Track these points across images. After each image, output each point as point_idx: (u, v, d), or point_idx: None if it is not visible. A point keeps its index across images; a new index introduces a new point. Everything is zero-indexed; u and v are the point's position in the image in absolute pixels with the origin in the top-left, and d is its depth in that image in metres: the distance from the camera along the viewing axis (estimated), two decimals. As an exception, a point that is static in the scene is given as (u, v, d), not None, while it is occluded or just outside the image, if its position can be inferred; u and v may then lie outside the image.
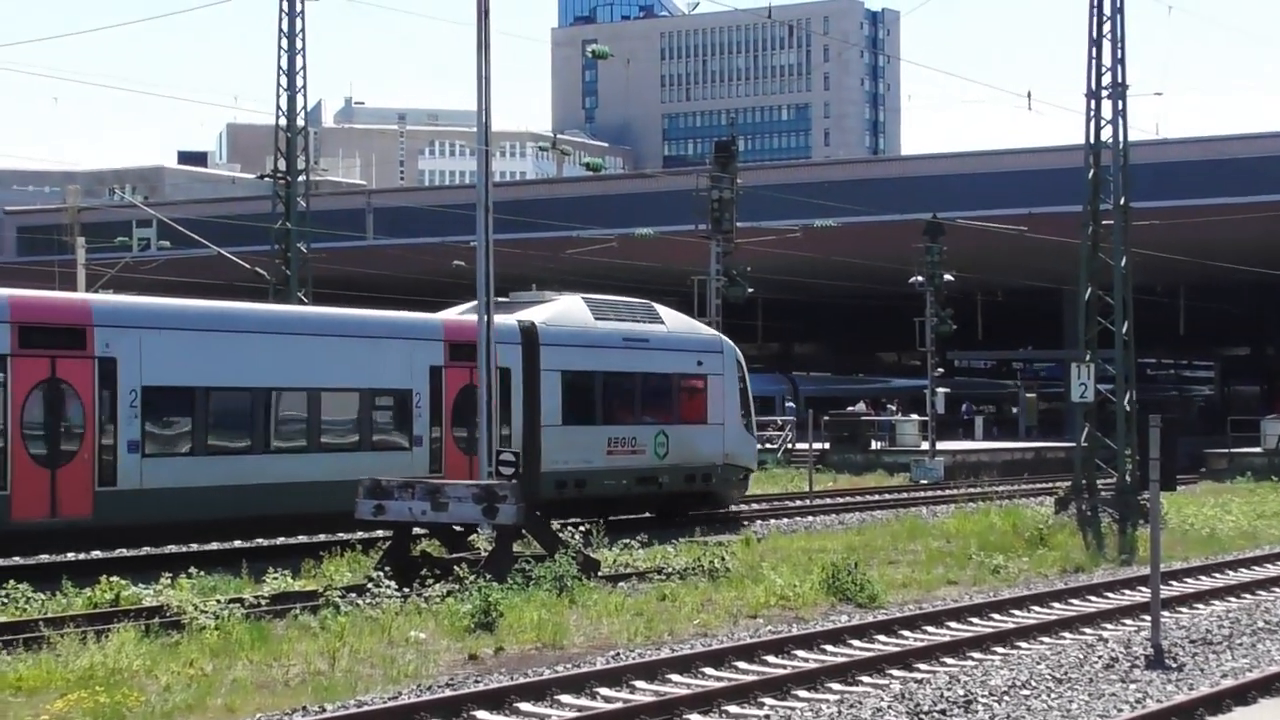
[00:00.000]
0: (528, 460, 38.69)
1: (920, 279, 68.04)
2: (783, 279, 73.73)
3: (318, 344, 35.12)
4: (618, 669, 19.63)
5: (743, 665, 20.64)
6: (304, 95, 53.56)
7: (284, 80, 53.12)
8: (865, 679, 19.88)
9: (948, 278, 68.00)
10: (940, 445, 69.34)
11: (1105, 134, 42.45)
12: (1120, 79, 42.15)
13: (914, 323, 70.83)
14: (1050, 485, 54.41)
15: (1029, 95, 48.47)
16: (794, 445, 72.08)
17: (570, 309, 41.99)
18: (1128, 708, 17.90)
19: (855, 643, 22.61)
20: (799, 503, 51.02)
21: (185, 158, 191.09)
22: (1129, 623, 24.98)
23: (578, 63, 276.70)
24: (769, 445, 68.16)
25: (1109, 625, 24.82)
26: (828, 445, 70.42)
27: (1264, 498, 51.85)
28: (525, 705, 17.96)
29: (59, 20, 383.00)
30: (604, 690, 18.84)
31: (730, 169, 60.16)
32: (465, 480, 33.91)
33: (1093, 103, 42.37)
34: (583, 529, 31.18)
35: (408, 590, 25.34)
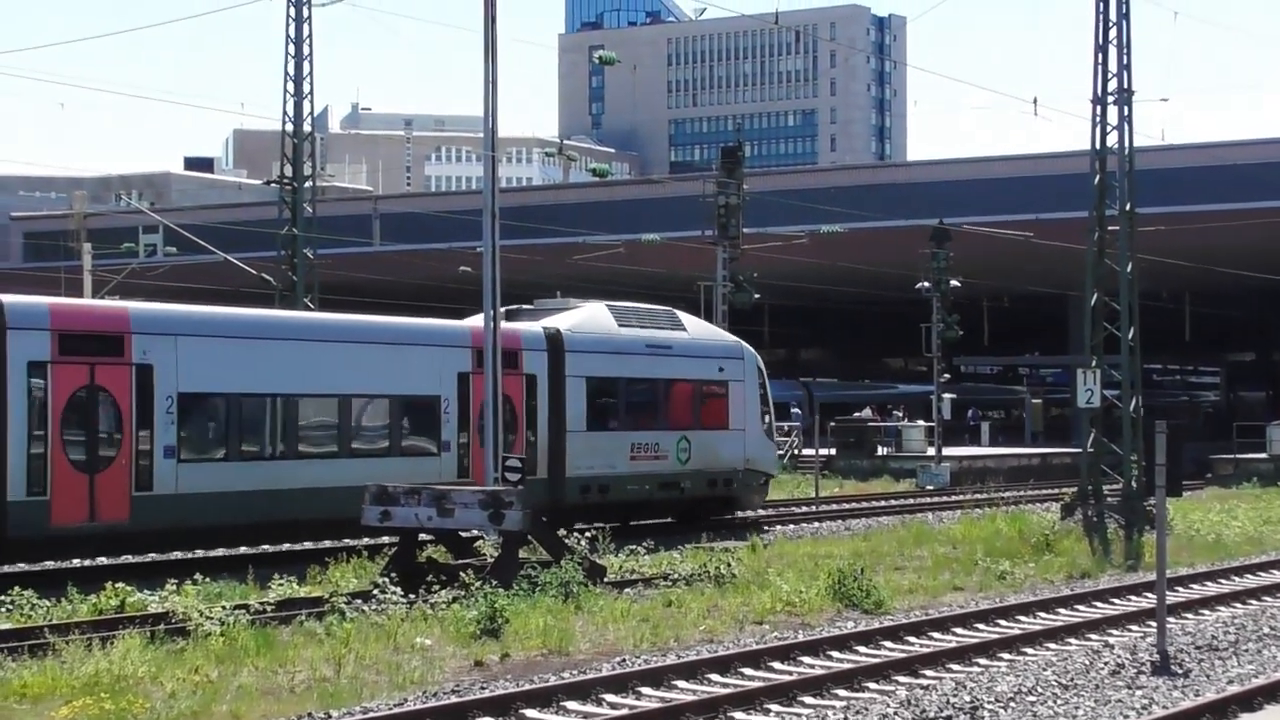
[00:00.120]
0: (553, 465, 39.34)
1: (926, 284, 68.00)
2: (789, 285, 73.72)
3: (349, 351, 35.40)
4: (623, 675, 19.63)
5: (749, 671, 20.64)
6: (310, 101, 53.70)
7: (291, 86, 53.20)
8: (871, 685, 19.88)
9: (954, 283, 67.98)
10: (946, 451, 69.28)
11: (1111, 140, 42.46)
12: (1126, 85, 42.15)
13: (920, 328, 70.76)
14: (1056, 491, 54.28)
15: (1035, 101, 48.59)
16: (800, 451, 72.06)
17: (594, 316, 42.29)
18: (1134, 714, 17.90)
19: (861, 649, 22.60)
20: (805, 508, 50.97)
21: (192, 164, 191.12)
22: (1135, 629, 24.98)
23: (584, 68, 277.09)
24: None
25: (1115, 631, 24.81)
26: (834, 451, 70.38)
27: (1270, 503, 51.79)
28: (531, 712, 17.97)
29: (66, 26, 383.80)
30: (610, 697, 18.84)
31: (737, 175, 60.20)
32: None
33: (1098, 108, 42.39)
34: (589, 535, 31.22)
35: (414, 596, 25.33)
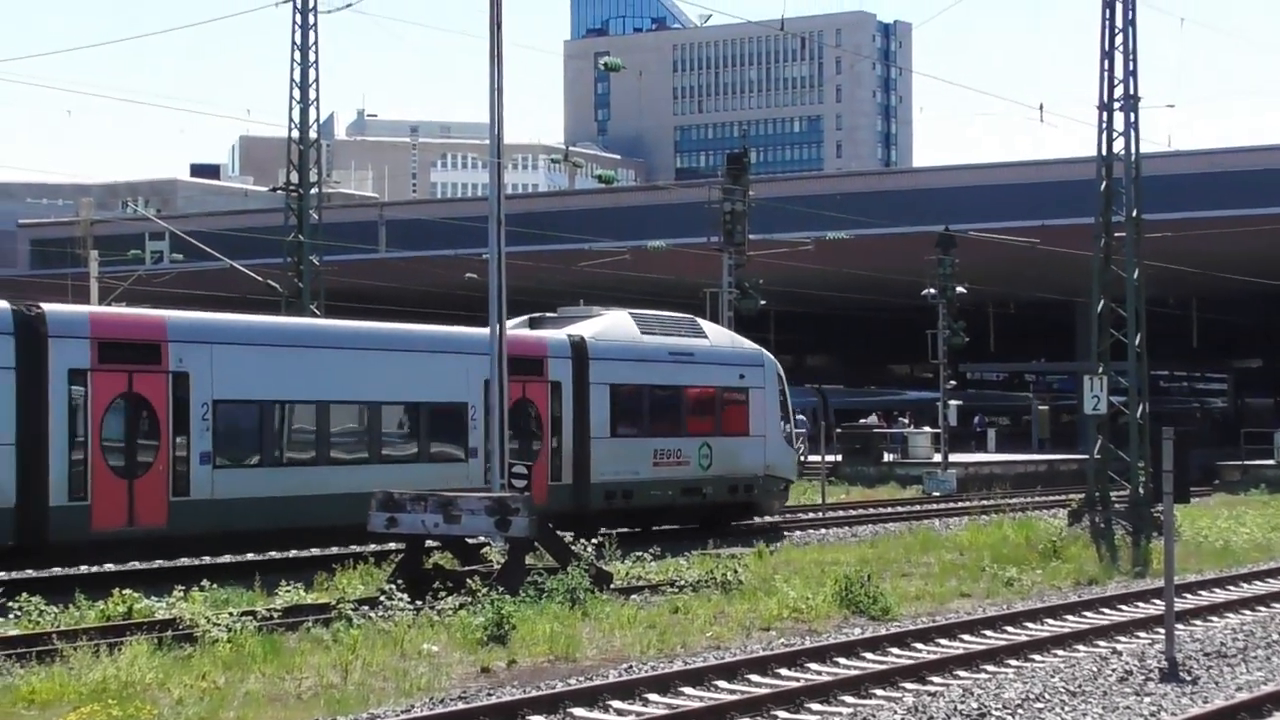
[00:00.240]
0: (578, 471, 39.88)
1: (932, 291, 68.07)
2: (795, 291, 73.68)
3: (378, 358, 35.75)
4: (630, 681, 19.61)
5: (755, 678, 20.62)
6: (316, 108, 53.68)
7: (296, 93, 53.19)
8: (878, 692, 19.85)
9: (960, 290, 68.04)
10: (953, 457, 69.32)
11: (1117, 146, 42.42)
12: (1132, 91, 42.11)
13: (926, 335, 70.82)
14: (1063, 498, 54.30)
15: (1041, 108, 48.88)
16: (806, 457, 72.05)
17: (618, 324, 42.74)
18: (1142, 721, 17.89)
19: (868, 655, 22.58)
20: (812, 515, 50.98)
21: (198, 170, 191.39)
22: (1143, 635, 24.93)
23: (590, 75, 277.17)
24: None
25: (1123, 638, 24.76)
26: (840, 457, 70.37)
27: (1278, 510, 51.74)
28: (537, 718, 17.94)
29: (72, 34, 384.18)
30: (616, 703, 18.82)
31: (742, 181, 60.16)
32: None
33: (1105, 115, 42.34)
34: (595, 541, 31.22)
35: (420, 603, 25.33)
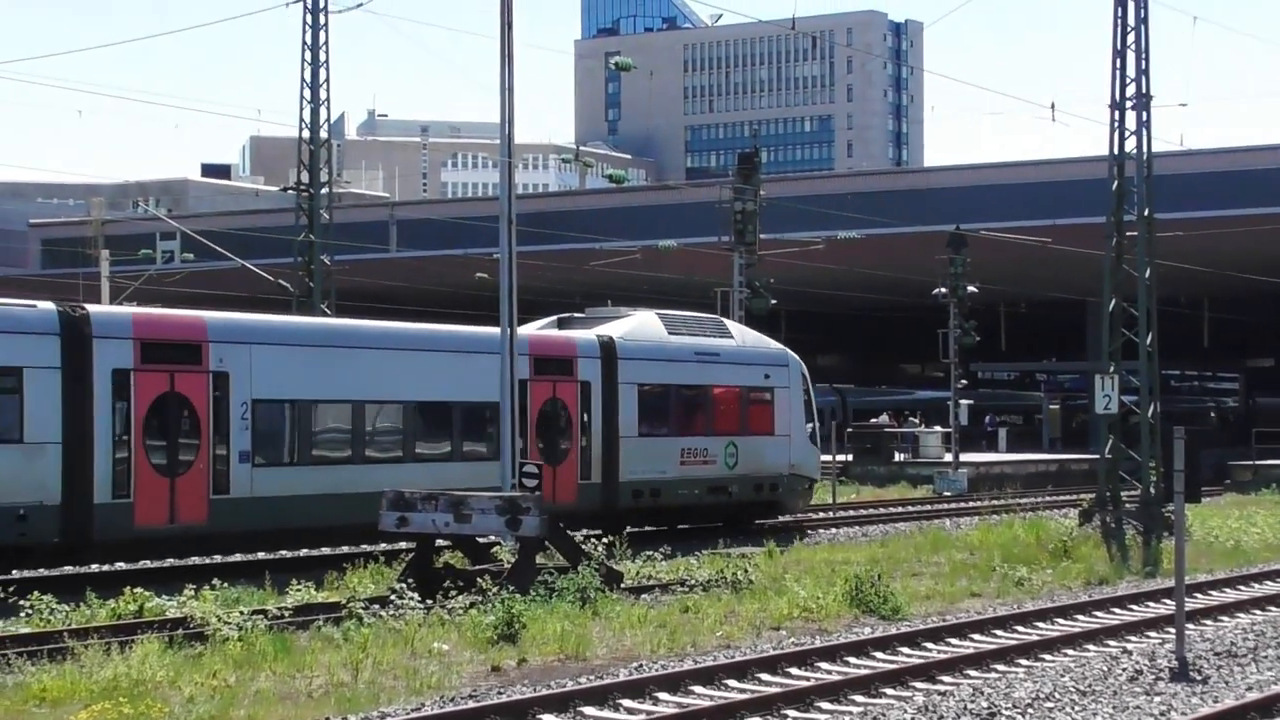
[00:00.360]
0: (606, 470, 40.35)
1: (943, 290, 68.02)
2: (806, 291, 73.63)
3: (412, 358, 36.10)
4: (640, 680, 19.61)
5: (765, 677, 20.62)
6: (327, 108, 53.72)
7: (307, 93, 53.23)
8: (888, 691, 19.85)
9: (971, 289, 67.99)
10: (964, 457, 69.27)
11: (1129, 145, 42.36)
12: (1144, 90, 42.06)
13: (937, 334, 70.75)
14: (1074, 497, 54.27)
15: (1053, 106, 48.43)
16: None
17: (645, 324, 43.15)
18: (1152, 720, 17.88)
19: (878, 655, 22.58)
20: (822, 514, 50.97)
21: (209, 170, 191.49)
22: (1153, 635, 24.91)
23: (600, 74, 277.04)
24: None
25: (1133, 637, 24.75)
26: (851, 457, 70.33)
27: (1289, 510, 51.69)
28: (548, 717, 17.95)
29: (83, 34, 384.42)
30: (627, 702, 18.83)
31: (753, 181, 60.15)
32: (549, 489, 36.77)
33: (1116, 114, 42.30)
34: (606, 540, 31.24)
35: (431, 602, 25.35)
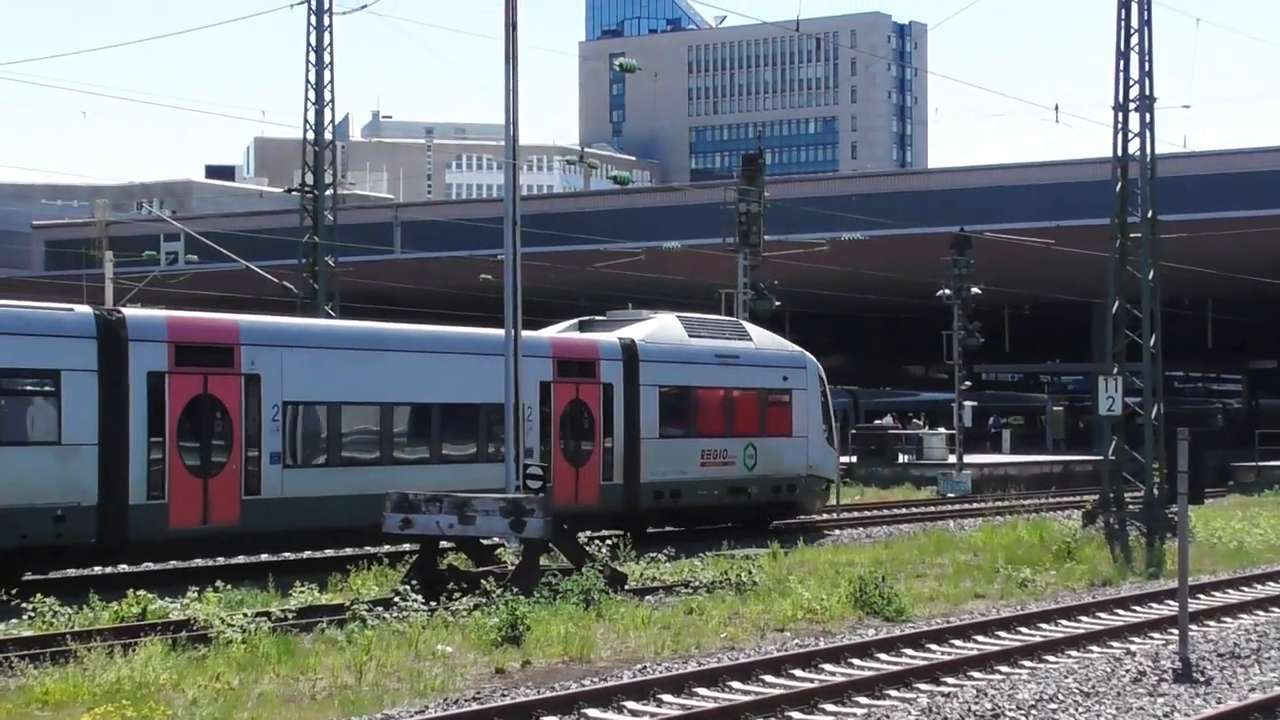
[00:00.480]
0: (628, 471, 40.79)
1: (948, 292, 68.01)
2: (810, 292, 73.63)
3: (439, 361, 36.52)
4: (644, 682, 19.62)
5: (769, 679, 20.62)
6: (331, 109, 53.78)
7: (311, 94, 53.29)
8: (892, 693, 19.85)
9: (975, 291, 67.98)
10: (968, 458, 69.26)
11: (1133, 147, 42.37)
12: (1147, 92, 42.06)
13: (942, 336, 70.74)
14: (1078, 498, 54.25)
15: (1056, 108, 48.73)
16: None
17: (666, 327, 43.55)
18: (1155, 722, 17.89)
19: (882, 656, 22.58)
20: (826, 516, 50.94)
21: (213, 172, 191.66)
22: (1156, 636, 24.92)
23: (605, 76, 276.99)
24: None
25: (1136, 639, 24.75)
26: (854, 458, 70.32)
27: (1293, 511, 51.63)
28: (552, 719, 17.96)
29: (87, 35, 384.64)
30: (631, 704, 18.83)
31: (757, 182, 60.13)
32: (572, 490, 38.06)
33: (1120, 115, 42.29)
34: (610, 542, 31.26)
35: (435, 604, 25.36)
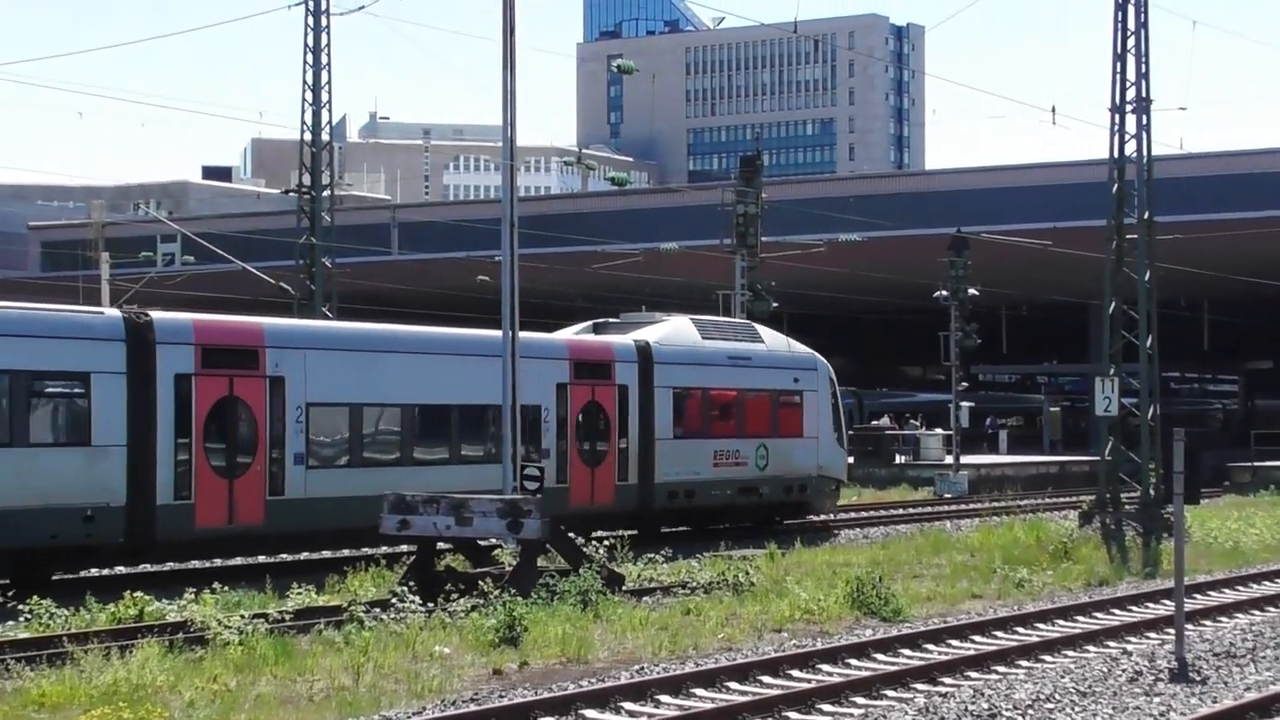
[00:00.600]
0: (643, 472, 41.17)
1: (945, 293, 68.01)
2: (807, 294, 73.61)
3: (458, 363, 36.84)
4: (642, 683, 19.63)
5: (767, 679, 20.64)
6: (329, 110, 53.81)
7: (309, 95, 53.31)
8: (889, 693, 19.87)
9: (972, 292, 67.99)
10: (965, 459, 69.26)
11: (1129, 148, 42.44)
12: (1144, 94, 42.12)
13: (939, 337, 70.74)
14: (1074, 499, 54.29)
15: (1053, 110, 48.76)
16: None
17: (680, 329, 43.94)
18: (1152, 722, 17.91)
19: (879, 656, 22.60)
20: (823, 517, 50.94)
21: (210, 173, 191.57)
22: (1153, 636, 24.95)
23: (603, 78, 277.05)
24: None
25: (1133, 638, 24.78)
26: (851, 459, 70.27)
27: (1289, 511, 51.63)
28: (549, 720, 18.01)
29: (83, 36, 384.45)
30: (628, 704, 18.84)
31: (755, 184, 60.13)
32: (588, 490, 38.65)
33: (1117, 117, 42.36)
34: (607, 543, 31.28)
35: (432, 605, 25.36)
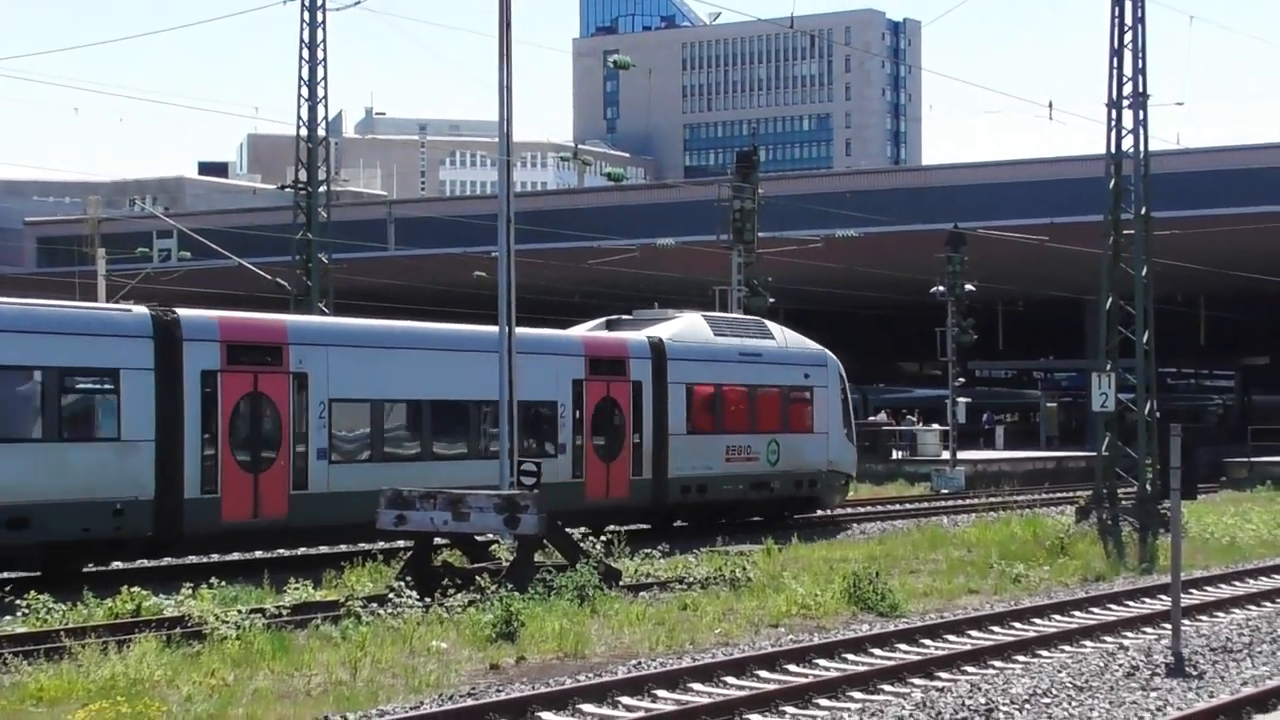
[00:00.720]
0: (657, 467, 41.52)
1: (941, 289, 67.95)
2: (804, 289, 73.65)
3: (477, 360, 36.72)
4: (639, 678, 19.64)
5: (764, 674, 20.65)
6: (325, 106, 53.71)
7: (305, 91, 53.22)
8: (887, 687, 19.89)
9: (969, 287, 67.95)
10: (961, 455, 69.24)
11: (1126, 144, 42.40)
12: (1141, 89, 42.08)
13: (935, 332, 70.71)
14: (1071, 494, 54.25)
15: (1050, 105, 48.46)
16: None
17: (692, 326, 44.36)
18: (1149, 715, 17.89)
19: (876, 651, 22.61)
20: (820, 512, 50.95)
21: (206, 168, 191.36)
22: (1150, 631, 24.98)
23: (599, 73, 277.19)
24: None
25: (1130, 633, 24.81)
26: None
27: (1285, 507, 51.62)
28: (547, 714, 17.98)
29: (79, 31, 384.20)
30: (626, 699, 18.86)
31: (752, 179, 60.14)
32: (603, 484, 39.05)
33: (1114, 112, 42.33)
34: (604, 538, 31.29)
35: (429, 600, 25.37)
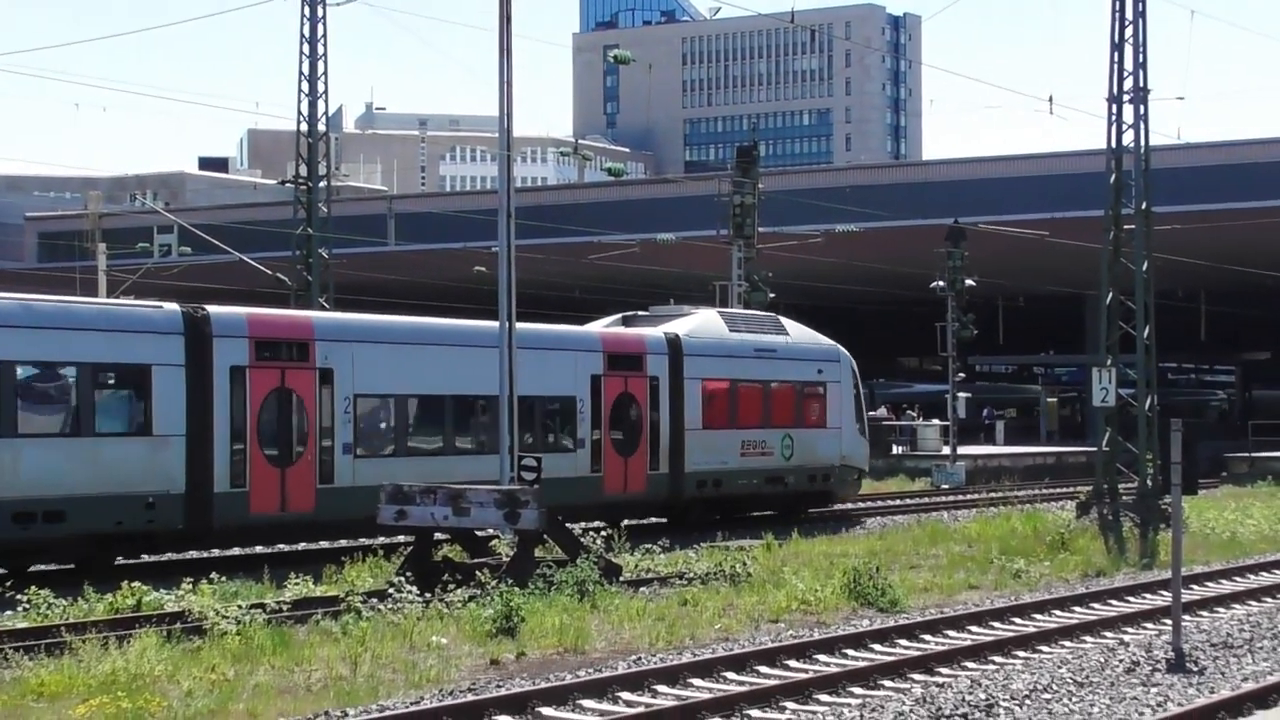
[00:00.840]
0: (673, 461, 41.91)
1: (942, 284, 67.96)
2: (804, 284, 73.64)
3: (497, 355, 36.29)
4: (639, 673, 19.63)
5: (764, 669, 20.64)
6: (325, 101, 53.71)
7: (305, 86, 53.22)
8: (887, 683, 19.88)
9: (969, 282, 67.96)
10: (961, 450, 69.25)
11: (1127, 138, 42.38)
12: (1142, 83, 42.06)
13: (935, 327, 70.69)
14: (1071, 490, 54.27)
15: (1050, 100, 48.42)
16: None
17: (708, 322, 44.77)
18: (1149, 711, 17.88)
19: (877, 647, 22.61)
20: (820, 508, 50.95)
21: (206, 163, 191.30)
22: (1150, 626, 24.97)
23: (599, 68, 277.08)
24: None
25: (1130, 629, 24.80)
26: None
27: (1286, 502, 51.60)
28: (547, 710, 17.97)
29: (79, 27, 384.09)
30: (626, 694, 18.85)
31: (752, 174, 60.13)
32: (621, 478, 39.53)
33: (1114, 107, 42.31)
34: (604, 534, 31.31)
35: (429, 595, 25.36)
